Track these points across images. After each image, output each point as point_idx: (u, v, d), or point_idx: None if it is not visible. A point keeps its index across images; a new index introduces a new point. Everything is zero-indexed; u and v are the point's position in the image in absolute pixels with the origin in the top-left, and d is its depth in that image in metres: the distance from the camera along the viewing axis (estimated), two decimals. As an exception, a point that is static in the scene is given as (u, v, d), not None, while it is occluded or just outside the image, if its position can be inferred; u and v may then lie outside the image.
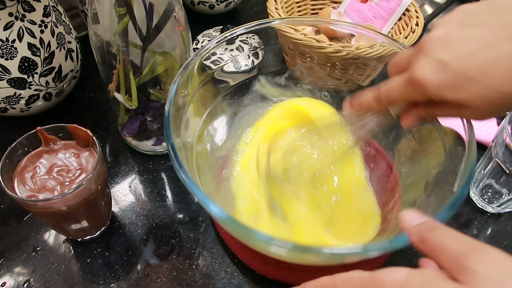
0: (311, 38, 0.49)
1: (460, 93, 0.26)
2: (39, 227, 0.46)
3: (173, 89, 0.37)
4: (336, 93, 0.50)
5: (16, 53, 0.47)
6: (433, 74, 0.26)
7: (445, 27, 0.27)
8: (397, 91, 0.30)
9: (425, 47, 0.27)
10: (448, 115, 0.30)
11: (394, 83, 0.31)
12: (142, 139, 0.52)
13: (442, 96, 0.27)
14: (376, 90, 0.33)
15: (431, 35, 0.28)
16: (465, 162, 0.33)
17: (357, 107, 0.36)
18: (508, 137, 0.43)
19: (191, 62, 0.40)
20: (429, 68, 0.27)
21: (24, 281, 0.41)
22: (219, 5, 0.75)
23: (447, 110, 0.29)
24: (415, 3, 0.61)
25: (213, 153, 0.47)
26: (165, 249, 0.44)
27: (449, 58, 0.26)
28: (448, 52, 0.26)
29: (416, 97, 0.29)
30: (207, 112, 0.46)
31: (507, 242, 0.46)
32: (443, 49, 0.26)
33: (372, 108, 0.34)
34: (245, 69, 0.55)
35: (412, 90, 0.29)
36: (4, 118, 0.57)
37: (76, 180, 0.39)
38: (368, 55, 0.47)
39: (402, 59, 0.31)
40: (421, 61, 0.27)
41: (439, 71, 0.26)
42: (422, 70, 0.27)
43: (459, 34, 0.26)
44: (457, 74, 0.26)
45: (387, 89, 0.31)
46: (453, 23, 0.27)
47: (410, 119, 0.33)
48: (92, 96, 0.62)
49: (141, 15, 0.40)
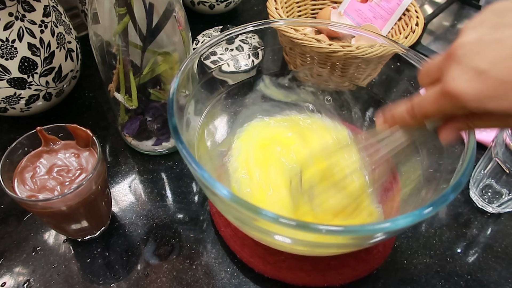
0: (311, 38, 0.49)
1: (504, 102, 0.23)
2: (39, 227, 0.46)
3: (175, 84, 0.37)
4: (339, 96, 0.50)
5: (16, 53, 0.47)
6: (470, 84, 0.24)
7: (477, 30, 0.24)
8: (431, 105, 0.27)
9: (456, 55, 0.25)
10: (492, 126, 0.28)
11: (427, 95, 0.28)
12: (142, 139, 0.52)
13: (483, 108, 0.24)
14: (409, 104, 0.30)
15: (462, 40, 0.25)
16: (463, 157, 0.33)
17: (391, 122, 0.33)
18: (508, 137, 0.43)
19: (191, 61, 0.40)
20: (465, 78, 0.24)
21: (24, 281, 0.41)
22: (219, 5, 0.75)
23: (491, 122, 0.27)
24: (415, 3, 0.61)
25: (214, 148, 0.47)
26: (165, 249, 0.44)
27: (486, 65, 0.23)
28: (484, 58, 0.23)
29: (453, 110, 0.26)
30: (207, 110, 0.46)
31: (507, 242, 0.46)
32: (478, 55, 0.24)
33: (406, 122, 0.31)
34: (245, 69, 0.55)
35: (448, 103, 0.26)
36: (4, 118, 0.57)
37: (76, 180, 0.39)
38: (368, 55, 0.47)
39: (432, 67, 0.28)
40: (454, 71, 0.25)
41: (477, 80, 0.23)
42: (457, 81, 0.24)
43: (494, 36, 0.23)
44: (498, 82, 0.23)
45: (421, 103, 0.29)
46: (486, 24, 0.24)
47: (449, 133, 0.30)
48: (92, 96, 0.62)
49: (141, 15, 0.40)
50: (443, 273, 0.43)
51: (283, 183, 0.43)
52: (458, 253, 0.45)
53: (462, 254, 0.45)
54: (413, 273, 0.43)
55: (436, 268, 0.44)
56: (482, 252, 0.45)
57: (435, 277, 0.43)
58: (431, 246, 0.45)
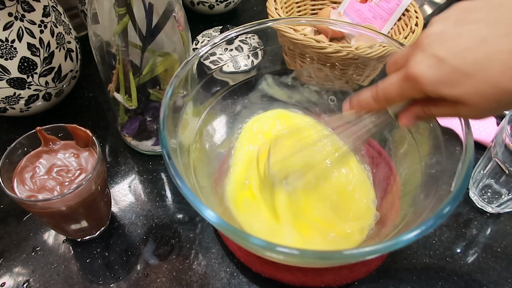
0: (311, 38, 0.49)
1: (456, 89, 0.26)
2: (38, 227, 0.46)
3: (168, 93, 0.37)
4: (343, 95, 0.50)
5: (16, 53, 0.47)
6: (429, 69, 0.26)
7: (442, 23, 0.27)
8: (394, 89, 0.30)
9: (422, 43, 0.27)
10: (445, 113, 0.30)
11: (391, 80, 0.30)
12: (141, 139, 0.52)
13: (438, 92, 0.27)
14: (374, 89, 0.33)
15: (428, 31, 0.28)
16: (463, 162, 0.33)
17: (356, 107, 0.35)
18: (507, 137, 0.43)
19: (189, 62, 0.40)
20: (426, 63, 0.27)
21: (23, 281, 0.41)
22: (219, 5, 0.75)
23: (444, 108, 0.29)
24: (414, 3, 0.61)
25: (213, 150, 0.47)
26: (165, 249, 0.44)
27: (445, 53, 0.26)
28: (445, 47, 0.26)
29: (413, 93, 0.29)
30: (206, 111, 0.46)
31: (507, 242, 0.46)
32: (440, 45, 0.26)
33: (371, 107, 0.34)
34: (245, 69, 0.55)
35: (409, 86, 0.28)
36: (4, 118, 0.57)
37: (75, 180, 0.39)
38: (367, 55, 0.47)
39: (399, 57, 0.31)
40: (417, 57, 0.27)
41: (436, 66, 0.26)
42: (419, 65, 0.27)
43: (456, 30, 0.26)
44: (454, 69, 0.25)
45: (385, 86, 0.31)
46: (450, 19, 0.27)
47: (408, 118, 0.32)
48: (91, 96, 0.62)
49: (140, 15, 0.40)
50: (442, 273, 0.43)
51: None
52: (458, 253, 0.45)
53: (461, 254, 0.45)
54: (413, 273, 0.43)
55: (435, 268, 0.44)
56: (481, 252, 0.45)
57: (435, 277, 0.43)
58: (430, 246, 0.45)
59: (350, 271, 0.42)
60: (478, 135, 0.55)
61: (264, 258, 0.42)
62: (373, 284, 0.42)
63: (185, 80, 0.40)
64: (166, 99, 0.36)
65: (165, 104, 0.36)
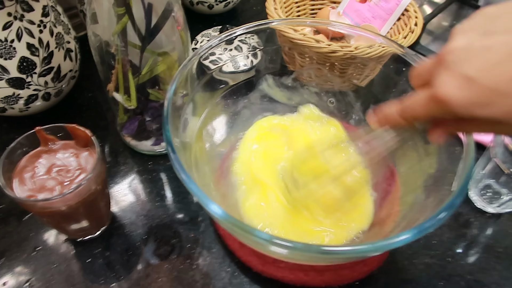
0: (310, 38, 0.49)
1: (492, 109, 0.23)
2: (39, 227, 0.46)
3: (171, 88, 0.37)
4: (342, 97, 0.50)
5: (15, 53, 0.47)
6: (459, 91, 0.24)
7: (467, 36, 0.24)
8: (421, 108, 0.28)
9: (445, 60, 0.25)
10: (482, 131, 0.27)
11: (417, 98, 0.28)
12: (141, 139, 0.52)
13: (471, 114, 0.24)
14: (400, 105, 0.30)
15: (451, 46, 0.25)
16: (463, 162, 0.33)
17: (383, 122, 0.33)
18: (507, 138, 0.43)
19: (190, 62, 0.40)
20: (453, 84, 0.24)
21: (25, 281, 0.41)
22: (218, 5, 0.75)
23: (480, 127, 0.27)
24: (414, 3, 0.61)
25: (213, 149, 0.47)
26: (165, 249, 0.44)
27: (474, 72, 0.23)
28: (473, 65, 0.23)
29: (442, 115, 0.26)
30: (206, 111, 0.46)
31: (507, 242, 0.46)
32: (467, 62, 0.23)
33: (398, 123, 0.31)
34: (244, 69, 0.55)
35: (437, 108, 0.26)
36: (3, 118, 0.57)
37: (75, 180, 0.39)
38: (367, 55, 0.47)
39: (423, 69, 0.28)
40: (443, 77, 0.25)
41: (465, 87, 0.23)
42: (446, 87, 0.24)
43: (483, 43, 0.23)
44: (486, 89, 0.23)
45: (411, 105, 0.29)
46: (475, 30, 0.24)
47: (439, 135, 0.30)
48: (91, 96, 0.62)
49: (139, 15, 0.40)
50: (443, 273, 0.43)
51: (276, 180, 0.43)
52: (459, 253, 0.45)
53: (462, 254, 0.45)
54: (414, 273, 0.43)
55: (436, 269, 0.44)
56: (482, 252, 0.45)
57: (436, 278, 0.43)
58: (431, 246, 0.45)
59: (351, 271, 0.42)
60: (478, 135, 0.55)
61: (265, 257, 0.42)
62: (374, 284, 0.42)
63: (185, 80, 0.40)
64: (170, 94, 0.36)
65: (169, 99, 0.36)
